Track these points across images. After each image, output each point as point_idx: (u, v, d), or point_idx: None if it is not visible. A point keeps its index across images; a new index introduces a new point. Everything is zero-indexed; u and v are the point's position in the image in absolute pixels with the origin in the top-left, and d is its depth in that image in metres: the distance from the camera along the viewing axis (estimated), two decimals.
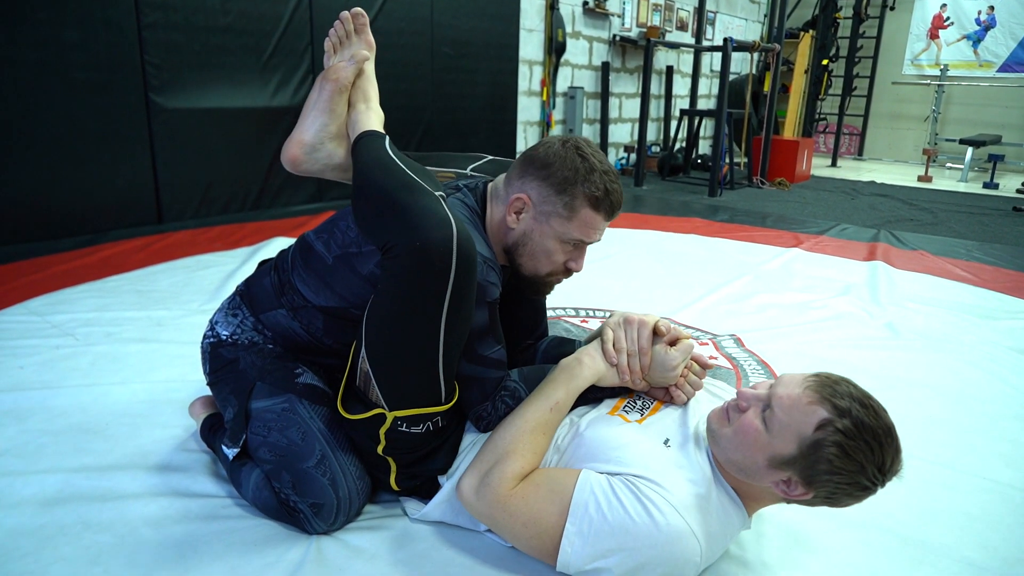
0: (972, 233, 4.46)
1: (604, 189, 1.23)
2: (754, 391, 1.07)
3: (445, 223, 1.08)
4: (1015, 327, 2.55)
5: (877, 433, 0.97)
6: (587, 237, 1.26)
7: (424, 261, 1.06)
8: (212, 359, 1.39)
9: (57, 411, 1.66)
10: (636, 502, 1.02)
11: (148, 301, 2.47)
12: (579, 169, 1.22)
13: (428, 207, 1.11)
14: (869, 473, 0.98)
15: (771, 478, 1.03)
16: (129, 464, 1.45)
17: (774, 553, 1.24)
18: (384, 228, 1.12)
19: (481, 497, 1.11)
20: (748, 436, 1.04)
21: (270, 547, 1.21)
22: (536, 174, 1.25)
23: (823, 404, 0.99)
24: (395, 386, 1.15)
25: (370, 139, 1.33)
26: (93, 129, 3.36)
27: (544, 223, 1.25)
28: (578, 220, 1.24)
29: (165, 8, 3.49)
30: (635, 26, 6.99)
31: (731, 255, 3.55)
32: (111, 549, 1.19)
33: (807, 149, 6.91)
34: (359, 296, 1.27)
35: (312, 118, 1.40)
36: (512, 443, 1.13)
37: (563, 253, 1.28)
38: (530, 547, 1.10)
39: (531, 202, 1.25)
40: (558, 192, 1.23)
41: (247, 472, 1.32)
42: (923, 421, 1.80)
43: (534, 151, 1.27)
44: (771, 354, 2.21)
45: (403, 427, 1.18)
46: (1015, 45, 8.44)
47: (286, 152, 1.41)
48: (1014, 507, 1.43)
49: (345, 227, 1.32)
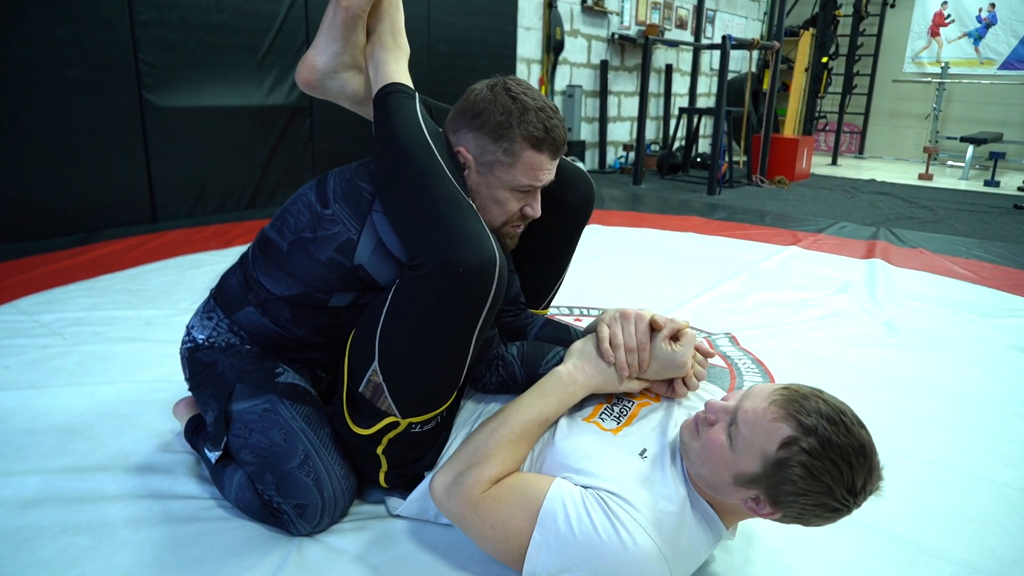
0: (972, 231, 4.43)
1: (543, 127, 1.17)
2: (723, 403, 1.03)
3: (489, 251, 1.05)
4: (1015, 325, 2.52)
5: (846, 452, 0.91)
6: (535, 180, 1.21)
7: (464, 287, 1.04)
8: (191, 364, 1.37)
9: (41, 411, 1.64)
10: (605, 519, 0.99)
11: (139, 300, 2.45)
12: (512, 111, 1.17)
13: (473, 230, 1.07)
14: (837, 495, 0.92)
15: (738, 496, 0.99)
16: (111, 465, 1.43)
17: (765, 555, 1.22)
18: (422, 240, 1.08)
19: (452, 496, 1.09)
20: (713, 452, 0.99)
21: (250, 550, 1.18)
22: (469, 125, 1.20)
23: (788, 421, 0.94)
24: (413, 398, 1.14)
25: (398, 102, 1.23)
26: (86, 128, 3.34)
27: (488, 174, 1.21)
28: (522, 164, 1.19)
29: (159, 6, 3.47)
30: (634, 24, 6.96)
31: (728, 253, 3.52)
32: (88, 552, 1.17)
33: (807, 147, 6.88)
34: (320, 280, 1.23)
35: (324, 42, 1.32)
36: (493, 448, 1.10)
37: (515, 200, 1.23)
38: (496, 551, 1.07)
39: (470, 156, 1.20)
40: (495, 140, 1.18)
41: (230, 473, 1.30)
42: (920, 420, 1.77)
43: (463, 101, 1.22)
44: (767, 353, 2.19)
45: (416, 429, 1.17)
46: (1016, 42, 8.40)
47: (299, 74, 1.36)
48: (1011, 507, 1.41)
49: (296, 211, 1.27)
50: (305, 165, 4.34)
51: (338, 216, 1.21)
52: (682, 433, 1.08)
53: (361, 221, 1.19)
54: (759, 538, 1.26)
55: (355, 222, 1.20)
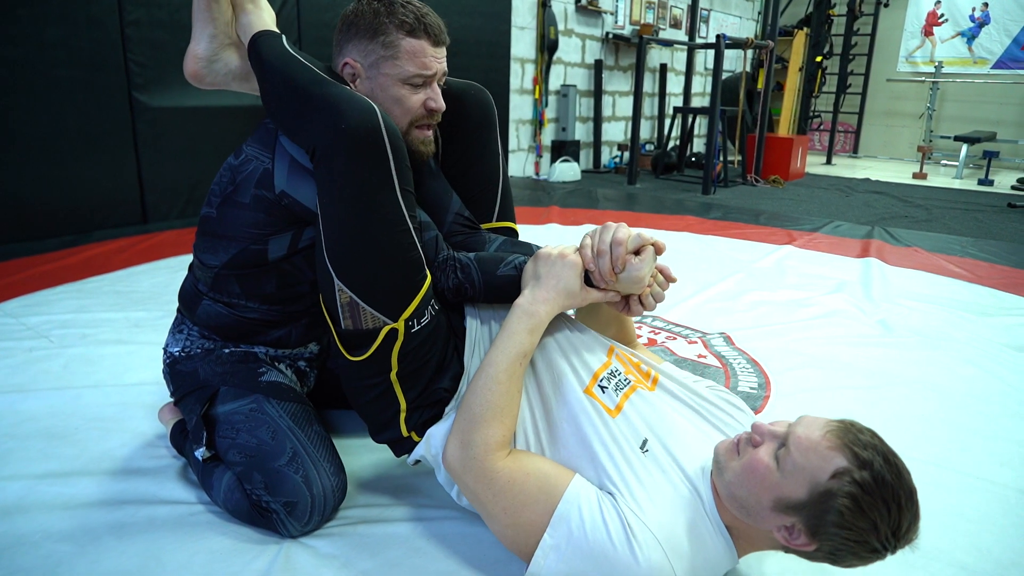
0: (967, 229, 4.43)
1: (414, 15, 1.22)
2: (771, 427, 1.00)
3: (366, 106, 1.09)
4: (1010, 323, 2.51)
5: (898, 493, 0.89)
6: (424, 68, 1.24)
7: (357, 144, 1.07)
8: (173, 378, 1.37)
9: (26, 415, 1.61)
10: (621, 530, 0.97)
11: (127, 302, 2.43)
12: (379, 10, 1.22)
13: (344, 94, 1.12)
14: (882, 534, 0.89)
15: (774, 522, 0.96)
16: (96, 470, 1.40)
17: (759, 554, 1.20)
18: (306, 127, 1.13)
19: (467, 470, 1.07)
20: (757, 473, 0.96)
21: (236, 555, 1.16)
22: (347, 35, 1.25)
23: (843, 451, 0.91)
24: (386, 292, 1.13)
25: (265, 39, 1.29)
26: (76, 128, 3.30)
27: (377, 75, 1.24)
28: (404, 53, 1.22)
29: (149, 5, 3.44)
30: (628, 24, 6.95)
31: (723, 253, 3.51)
32: (71, 559, 1.14)
33: (801, 147, 6.88)
34: (250, 227, 1.25)
35: (199, 30, 1.36)
36: (489, 406, 1.08)
37: (413, 94, 1.25)
38: (504, 535, 1.05)
39: (357, 64, 1.24)
40: (372, 38, 1.22)
41: (218, 475, 1.28)
42: (916, 419, 1.76)
43: (339, 23, 1.27)
44: (762, 352, 2.17)
45: (415, 326, 1.15)
46: (1009, 42, 8.42)
47: (186, 67, 1.39)
48: (1008, 508, 1.39)
49: (219, 179, 1.31)
50: None
51: (250, 155, 1.26)
52: (718, 452, 1.04)
53: (271, 149, 1.24)
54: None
55: (266, 152, 1.24)
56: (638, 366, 1.23)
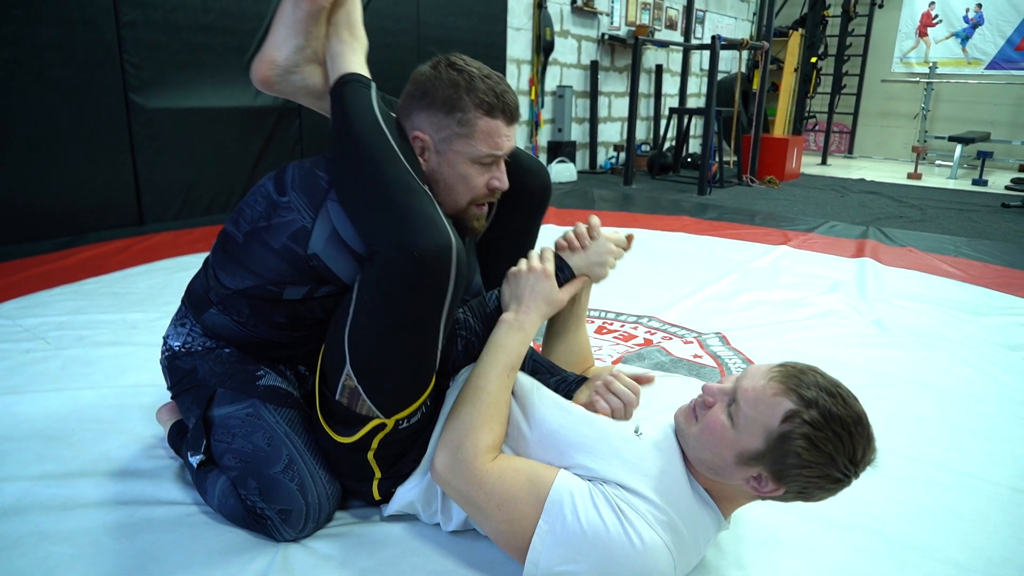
0: (961, 229, 4.45)
1: (493, 93, 1.17)
2: (719, 385, 1.04)
3: (444, 233, 1.03)
4: (1003, 323, 2.53)
5: (846, 422, 0.93)
6: (496, 148, 1.20)
7: (422, 272, 1.02)
8: (171, 372, 1.36)
9: (22, 417, 1.61)
10: (613, 515, 0.98)
11: (124, 304, 2.43)
12: (459, 83, 1.16)
13: (424, 213, 1.05)
14: (840, 464, 0.94)
15: (741, 475, 1.00)
16: (93, 471, 1.40)
17: (755, 556, 1.21)
18: (375, 225, 1.07)
19: (457, 474, 1.07)
20: (715, 433, 1.00)
21: (234, 556, 1.16)
22: (419, 105, 1.19)
23: (788, 395, 0.95)
24: (391, 395, 1.12)
25: (354, 92, 1.22)
26: (71, 129, 3.29)
27: (448, 151, 1.20)
28: (479, 133, 1.18)
29: (144, 6, 3.43)
30: (624, 25, 6.97)
31: (719, 253, 3.52)
32: (68, 560, 1.14)
33: (797, 147, 6.90)
34: (272, 271, 1.21)
35: (283, 36, 1.29)
36: (477, 416, 1.10)
37: (479, 174, 1.22)
38: (500, 532, 1.06)
39: (427, 137, 1.19)
40: (448, 113, 1.17)
41: (213, 479, 1.27)
42: (911, 418, 1.77)
43: (410, 84, 1.21)
44: (757, 352, 2.18)
45: (403, 424, 1.15)
46: (1003, 42, 8.46)
47: (256, 71, 1.32)
48: (1002, 506, 1.40)
49: (253, 202, 1.25)
50: None
51: (293, 203, 1.20)
52: (677, 419, 1.08)
53: (316, 209, 1.18)
54: (747, 539, 1.25)
55: (310, 210, 1.18)
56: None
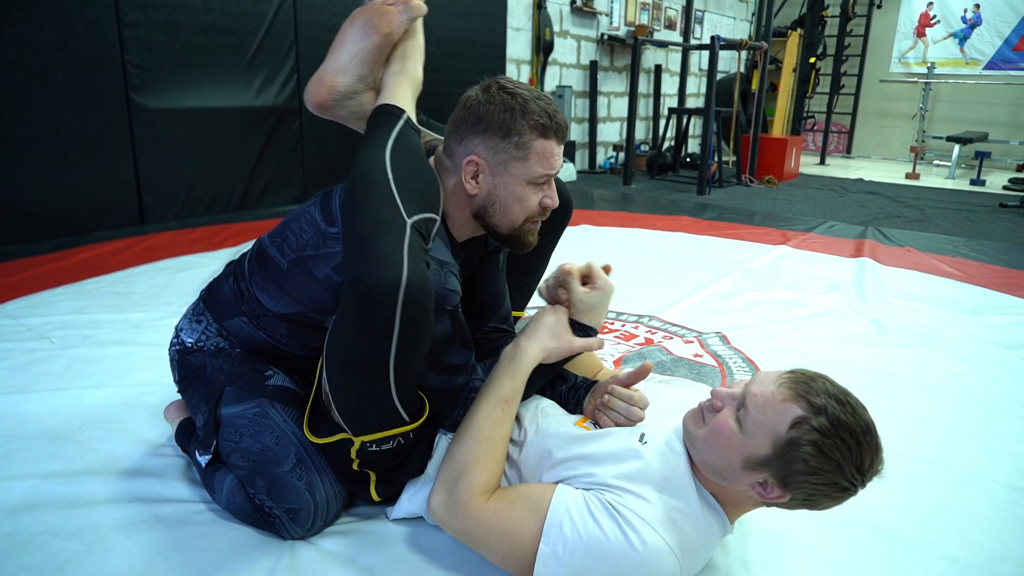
0: (959, 229, 4.47)
1: (546, 114, 1.18)
2: (728, 390, 1.04)
3: (394, 273, 0.98)
4: (1001, 323, 2.54)
5: (855, 431, 0.93)
6: (550, 168, 1.21)
7: (367, 306, 0.99)
8: (180, 366, 1.37)
9: (28, 416, 1.62)
10: (611, 522, 0.99)
11: (127, 303, 2.44)
12: (513, 107, 1.17)
13: (386, 250, 1.00)
14: (847, 473, 0.93)
15: (747, 480, 1.00)
16: (100, 469, 1.42)
17: (755, 553, 1.22)
18: (346, 259, 1.10)
19: (452, 514, 1.09)
20: (722, 436, 1.00)
21: (242, 553, 1.18)
22: (474, 130, 1.19)
23: (798, 401, 0.95)
24: (354, 415, 1.11)
25: (380, 122, 1.23)
26: (73, 129, 3.31)
27: (504, 173, 1.20)
28: (535, 155, 1.19)
29: (145, 6, 3.44)
30: (623, 25, 6.98)
31: (718, 253, 3.54)
32: (78, 557, 1.16)
33: (795, 147, 6.92)
34: (317, 300, 1.22)
35: (347, 64, 1.30)
36: (471, 455, 1.11)
37: (534, 194, 1.23)
38: (505, 563, 1.07)
39: (483, 160, 1.20)
40: (504, 137, 1.18)
41: (221, 477, 1.29)
42: (909, 417, 1.79)
43: (461, 110, 1.22)
44: (757, 352, 2.20)
45: (372, 448, 1.14)
46: (1000, 43, 8.48)
47: (314, 95, 1.32)
48: (998, 503, 1.42)
49: (298, 229, 1.25)
50: (294, 166, 4.32)
51: (339, 236, 1.20)
52: (685, 423, 1.08)
53: None
54: (750, 537, 1.27)
55: None
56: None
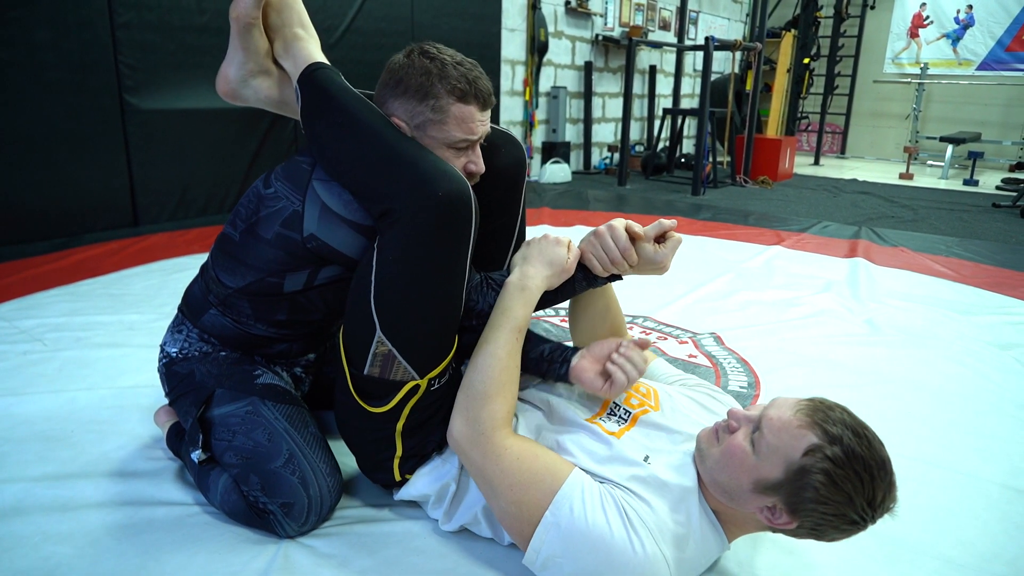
0: (952, 229, 4.49)
1: (465, 79, 1.19)
2: (745, 412, 1.04)
3: (459, 178, 1.10)
4: (994, 323, 2.55)
5: (869, 464, 0.92)
6: (470, 133, 1.21)
7: (446, 213, 1.07)
8: (169, 378, 1.38)
9: (21, 418, 1.62)
10: (619, 518, 0.99)
11: (121, 305, 2.43)
12: (431, 70, 1.18)
13: (432, 158, 1.13)
14: (857, 506, 0.92)
15: (755, 503, 0.99)
16: (93, 472, 1.41)
17: (747, 552, 1.23)
18: (387, 188, 1.12)
19: (475, 444, 1.10)
20: (735, 457, 1.00)
21: (235, 555, 1.17)
22: (393, 93, 1.21)
23: (813, 429, 0.95)
24: (427, 350, 1.15)
25: (327, 75, 1.26)
26: (66, 130, 3.29)
27: (424, 137, 1.21)
28: (453, 119, 1.20)
29: (139, 7, 3.43)
30: (618, 26, 6.99)
31: (713, 253, 3.55)
32: (70, 560, 1.15)
33: (790, 148, 6.94)
34: (270, 261, 1.25)
35: (230, 54, 1.36)
36: (493, 383, 1.12)
37: (455, 158, 1.24)
38: (506, 513, 1.07)
39: (403, 123, 1.22)
40: (421, 100, 1.19)
41: (215, 477, 1.29)
42: (902, 416, 1.79)
43: (384, 73, 1.24)
44: (752, 352, 2.20)
45: (435, 385, 1.17)
46: (993, 43, 8.52)
47: (218, 86, 1.40)
48: (991, 502, 1.43)
49: (246, 202, 1.30)
50: None
51: (280, 192, 1.24)
52: (699, 440, 1.08)
53: (302, 192, 1.22)
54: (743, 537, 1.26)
55: (296, 194, 1.23)
56: (636, 387, 1.27)
